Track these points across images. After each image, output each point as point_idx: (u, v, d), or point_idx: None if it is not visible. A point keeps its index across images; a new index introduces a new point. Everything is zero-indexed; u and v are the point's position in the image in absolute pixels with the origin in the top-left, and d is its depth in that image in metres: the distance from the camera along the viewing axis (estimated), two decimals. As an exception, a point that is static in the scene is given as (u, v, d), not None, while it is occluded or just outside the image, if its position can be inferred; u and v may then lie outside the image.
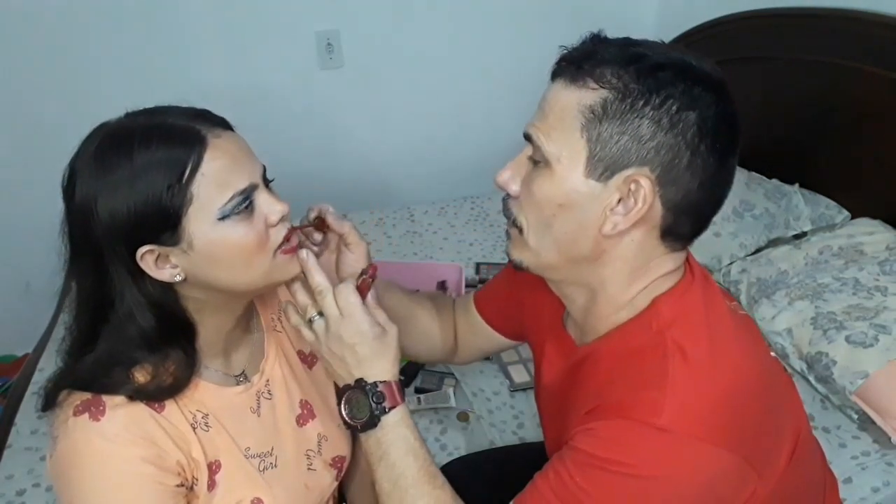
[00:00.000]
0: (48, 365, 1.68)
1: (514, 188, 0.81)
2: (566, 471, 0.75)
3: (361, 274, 0.89)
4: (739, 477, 0.74)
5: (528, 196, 0.79)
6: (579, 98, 0.74)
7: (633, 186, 0.73)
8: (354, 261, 0.93)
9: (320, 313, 0.84)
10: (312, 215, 0.93)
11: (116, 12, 2.13)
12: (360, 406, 0.83)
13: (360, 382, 0.84)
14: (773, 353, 0.89)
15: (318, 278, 0.83)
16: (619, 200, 0.74)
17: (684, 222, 0.77)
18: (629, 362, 0.77)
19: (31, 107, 2.17)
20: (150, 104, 0.79)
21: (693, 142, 0.72)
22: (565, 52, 0.78)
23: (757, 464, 0.75)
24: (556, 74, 0.78)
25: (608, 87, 0.73)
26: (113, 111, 0.79)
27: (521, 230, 0.81)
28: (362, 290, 0.85)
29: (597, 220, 0.76)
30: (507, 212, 0.83)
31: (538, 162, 0.77)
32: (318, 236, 0.94)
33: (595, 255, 0.79)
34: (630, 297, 0.81)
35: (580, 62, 0.75)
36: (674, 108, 0.72)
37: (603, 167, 0.74)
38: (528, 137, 0.79)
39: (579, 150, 0.74)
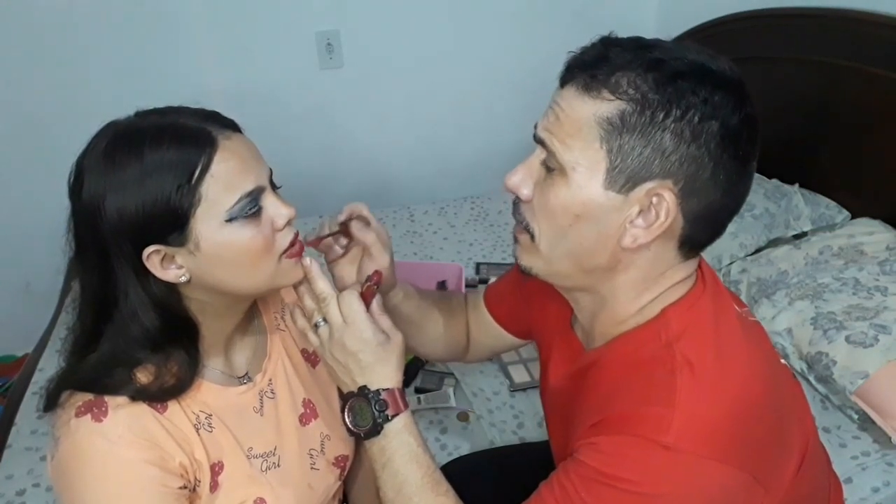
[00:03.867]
0: (48, 365, 1.67)
1: (525, 192, 0.77)
2: (571, 485, 0.74)
3: (366, 280, 0.89)
4: (746, 493, 0.73)
5: (542, 203, 0.76)
6: (595, 109, 0.70)
7: (654, 199, 0.71)
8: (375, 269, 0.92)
9: (325, 319, 0.84)
10: (342, 217, 0.93)
11: (116, 13, 2.13)
12: (363, 414, 0.83)
13: (363, 390, 0.83)
14: (782, 361, 0.87)
15: (322, 285, 0.83)
16: (640, 212, 0.72)
17: (703, 230, 0.75)
18: (636, 374, 0.76)
19: (31, 108, 2.17)
20: (150, 105, 0.79)
21: (716, 152, 0.70)
22: (574, 55, 0.74)
23: (764, 479, 0.74)
24: (566, 80, 0.74)
25: (625, 99, 0.69)
26: (114, 112, 0.79)
27: (532, 236, 0.78)
28: (366, 297, 0.85)
29: (616, 232, 0.73)
30: (518, 216, 0.80)
31: (552, 168, 0.74)
32: (344, 241, 0.93)
33: (610, 266, 0.77)
34: (640, 306, 0.79)
35: (592, 69, 0.71)
36: (696, 118, 0.69)
37: (624, 179, 0.71)
38: (540, 141, 0.75)
39: (598, 161, 0.71)
